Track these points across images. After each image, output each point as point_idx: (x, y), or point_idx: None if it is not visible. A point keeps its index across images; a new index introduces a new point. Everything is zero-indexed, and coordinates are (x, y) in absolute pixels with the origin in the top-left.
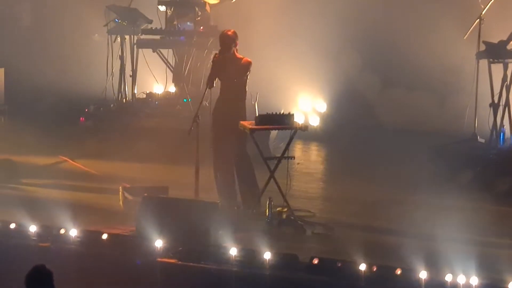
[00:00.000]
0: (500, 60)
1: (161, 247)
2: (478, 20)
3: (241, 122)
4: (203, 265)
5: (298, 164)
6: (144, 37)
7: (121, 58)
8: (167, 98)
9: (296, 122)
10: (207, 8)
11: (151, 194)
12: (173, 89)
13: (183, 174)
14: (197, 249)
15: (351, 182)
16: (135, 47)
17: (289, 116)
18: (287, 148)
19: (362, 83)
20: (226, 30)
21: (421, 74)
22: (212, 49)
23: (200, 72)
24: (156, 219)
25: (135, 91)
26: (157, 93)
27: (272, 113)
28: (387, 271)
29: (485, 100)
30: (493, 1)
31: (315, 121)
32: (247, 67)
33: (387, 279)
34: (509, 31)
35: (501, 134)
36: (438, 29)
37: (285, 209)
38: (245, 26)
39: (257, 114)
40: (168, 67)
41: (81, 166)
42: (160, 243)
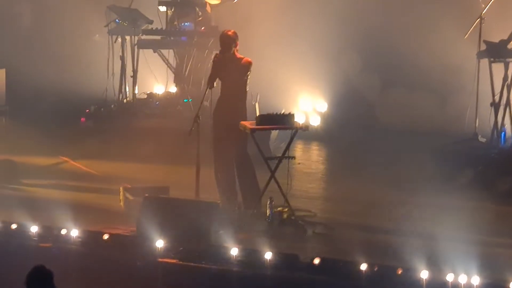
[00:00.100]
0: (501, 60)
1: (162, 247)
2: (479, 19)
3: (242, 122)
4: (204, 265)
5: (299, 164)
6: (144, 37)
7: (122, 58)
8: (167, 98)
9: (296, 122)
10: (208, 8)
11: (151, 194)
12: (173, 89)
13: (183, 174)
14: (198, 249)
15: (351, 182)
16: (135, 47)
17: (290, 116)
18: (287, 148)
19: (363, 83)
20: (226, 30)
21: (421, 74)
22: (213, 49)
23: (201, 72)
24: (157, 219)
25: (136, 91)
26: (158, 93)
27: (273, 113)
28: (388, 270)
29: (486, 99)
30: (493, 0)
31: (315, 121)
32: (247, 67)
33: (388, 279)
34: (509, 30)
35: (502, 133)
36: (438, 29)
37: (286, 209)
38: (245, 26)
39: (257, 114)
40: (169, 67)
41: (81, 167)
42: (161, 243)
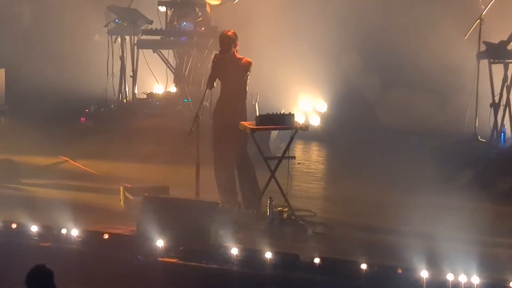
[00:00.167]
0: (500, 61)
1: (162, 246)
2: (479, 20)
3: (242, 122)
4: (204, 264)
5: (299, 164)
6: (144, 37)
7: (122, 58)
8: (167, 98)
9: (296, 122)
10: (208, 8)
11: (152, 194)
12: (173, 89)
13: (183, 174)
14: (198, 249)
15: (351, 182)
16: (135, 47)
17: (290, 116)
18: (287, 148)
19: (363, 83)
20: (226, 30)
21: (421, 74)
22: (213, 50)
23: (201, 72)
24: (157, 219)
25: (136, 91)
26: (158, 93)
27: (273, 113)
28: (388, 270)
29: (485, 100)
30: (493, 1)
31: (315, 121)
32: (247, 67)
33: (388, 279)
34: (509, 31)
35: (502, 134)
36: (438, 29)
37: (286, 209)
38: (245, 27)
39: (257, 114)
40: (169, 67)
41: (81, 166)
42: (161, 242)
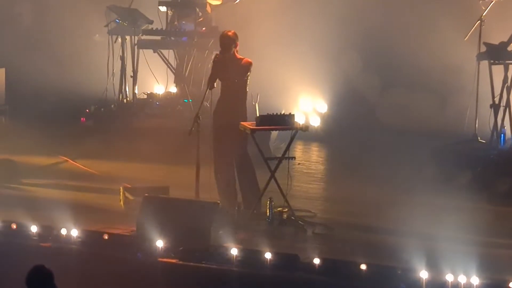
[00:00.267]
0: (500, 62)
1: (162, 247)
2: (479, 21)
3: (242, 123)
4: (204, 265)
5: (299, 164)
6: (144, 37)
7: (122, 58)
8: (168, 98)
9: (296, 122)
10: (208, 9)
11: (151, 194)
12: (174, 89)
13: (183, 174)
14: (198, 249)
15: (351, 182)
16: (135, 47)
17: (290, 117)
18: (287, 149)
19: (363, 84)
20: (226, 30)
21: (421, 74)
22: (213, 50)
23: (201, 72)
24: (156, 219)
25: (136, 91)
26: (158, 93)
27: (273, 114)
28: (388, 271)
29: (485, 101)
30: (494, 2)
31: (315, 122)
32: (247, 67)
33: (387, 279)
34: (509, 32)
35: (502, 135)
36: (438, 29)
37: (286, 209)
38: (245, 27)
39: (257, 115)
40: (169, 67)
41: (81, 166)
42: (161, 243)
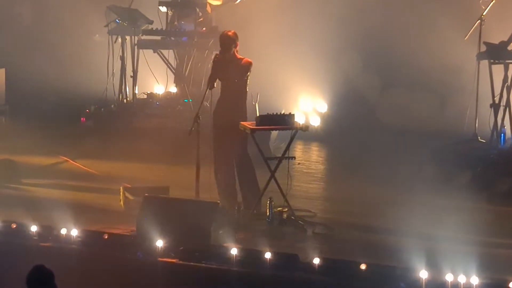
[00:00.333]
0: (500, 61)
1: (162, 247)
2: (479, 21)
3: (242, 123)
4: (204, 265)
5: (299, 164)
6: (144, 37)
7: (122, 58)
8: (168, 98)
9: (296, 122)
10: (208, 9)
11: (152, 194)
12: (174, 89)
13: (183, 174)
14: (198, 249)
15: (351, 182)
16: (135, 47)
17: (290, 117)
18: (287, 148)
19: (363, 83)
20: (226, 30)
21: (421, 74)
22: (213, 50)
23: (201, 72)
24: (157, 219)
25: (136, 91)
26: (158, 93)
27: (273, 114)
28: (388, 270)
29: (485, 100)
30: (494, 2)
31: (315, 121)
32: (247, 67)
33: (387, 279)
34: (509, 31)
35: (502, 134)
36: (438, 29)
37: (286, 209)
38: (245, 27)
39: (257, 115)
40: (169, 67)
41: (81, 166)
42: (161, 243)
